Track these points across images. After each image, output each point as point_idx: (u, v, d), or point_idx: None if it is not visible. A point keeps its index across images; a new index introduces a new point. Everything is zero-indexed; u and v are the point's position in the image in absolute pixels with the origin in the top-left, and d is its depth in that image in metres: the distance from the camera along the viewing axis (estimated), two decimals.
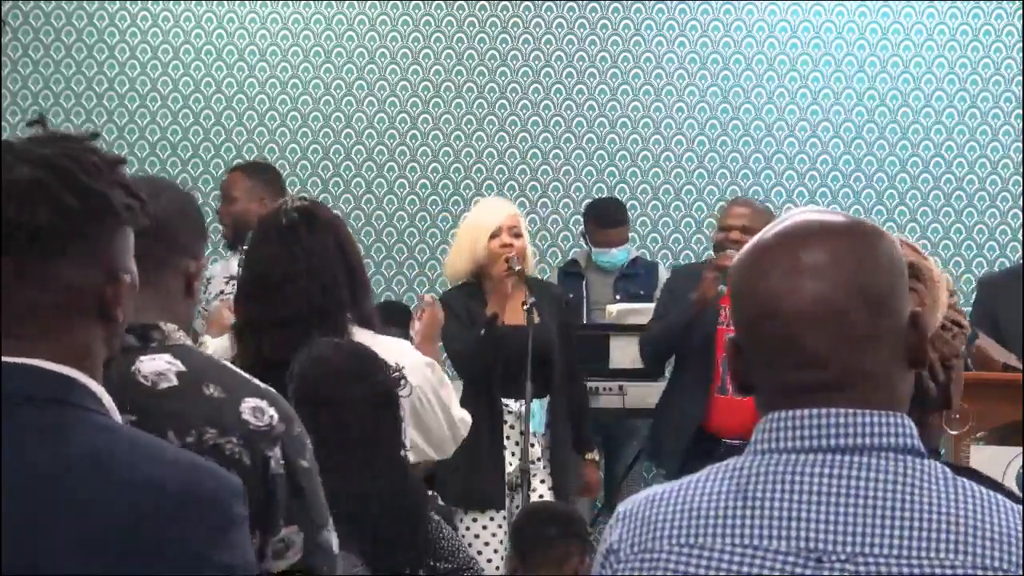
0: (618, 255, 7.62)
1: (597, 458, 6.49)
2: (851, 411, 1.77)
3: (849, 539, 1.73)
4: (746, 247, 1.86)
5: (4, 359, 1.78)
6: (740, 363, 1.85)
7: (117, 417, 1.84)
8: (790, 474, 1.77)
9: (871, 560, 1.73)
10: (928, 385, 2.24)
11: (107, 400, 1.83)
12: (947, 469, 1.79)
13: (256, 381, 2.51)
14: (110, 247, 1.84)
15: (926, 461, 1.78)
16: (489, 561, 6.00)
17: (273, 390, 2.51)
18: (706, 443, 6.21)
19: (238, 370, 2.54)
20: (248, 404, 2.43)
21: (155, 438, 1.83)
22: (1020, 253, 8.08)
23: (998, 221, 8.27)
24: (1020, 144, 8.22)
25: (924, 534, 1.73)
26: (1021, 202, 8.19)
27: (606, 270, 7.62)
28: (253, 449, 2.38)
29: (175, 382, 2.42)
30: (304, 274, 3.97)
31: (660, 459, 6.70)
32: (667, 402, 6.59)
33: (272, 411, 2.44)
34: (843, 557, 1.73)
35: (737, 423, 6.18)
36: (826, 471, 1.76)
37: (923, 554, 1.72)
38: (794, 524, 1.75)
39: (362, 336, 3.94)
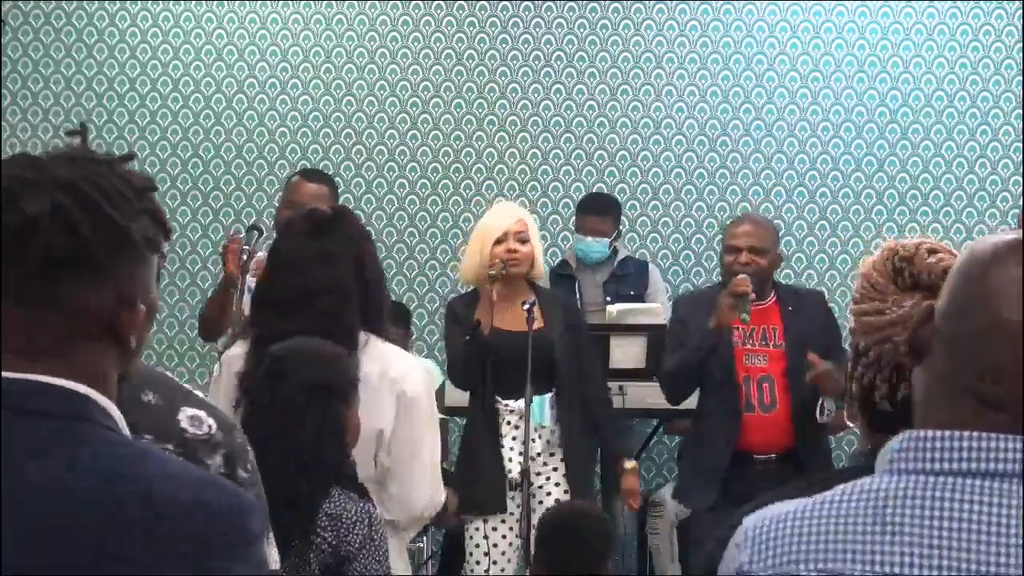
0: (594, 245, 7.56)
1: (631, 466, 6.29)
2: (1001, 436, 1.71)
3: (992, 569, 1.67)
4: (989, 246, 1.77)
5: (20, 375, 1.78)
6: (928, 332, 1.77)
7: (126, 432, 1.85)
8: (930, 499, 1.71)
9: None
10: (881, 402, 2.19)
11: (118, 417, 1.83)
12: None
13: (197, 392, 2.56)
14: (126, 275, 1.83)
15: None
16: (506, 561, 6.01)
17: (210, 402, 2.56)
18: (739, 462, 6.11)
19: (179, 381, 2.58)
20: (186, 413, 2.47)
21: (170, 456, 1.83)
22: None
23: (998, 221, 8.27)
24: (1020, 144, 8.21)
25: None
26: (1021, 202, 8.19)
27: (594, 268, 7.57)
28: (191, 457, 2.41)
29: None
30: (318, 293, 4.01)
31: (690, 497, 6.39)
32: (699, 431, 6.43)
33: (211, 420, 2.49)
34: None
35: (764, 439, 6.14)
36: (967, 496, 1.70)
37: None
38: (936, 551, 1.69)
39: (377, 347, 4.00)
